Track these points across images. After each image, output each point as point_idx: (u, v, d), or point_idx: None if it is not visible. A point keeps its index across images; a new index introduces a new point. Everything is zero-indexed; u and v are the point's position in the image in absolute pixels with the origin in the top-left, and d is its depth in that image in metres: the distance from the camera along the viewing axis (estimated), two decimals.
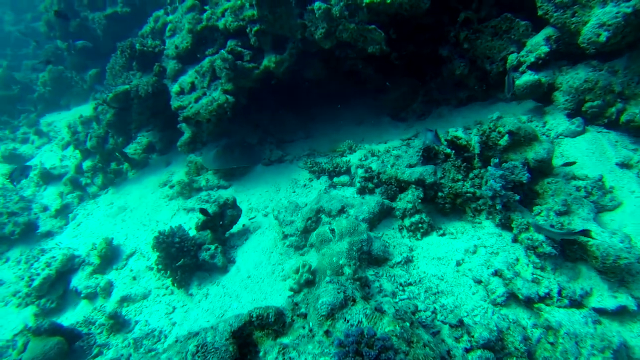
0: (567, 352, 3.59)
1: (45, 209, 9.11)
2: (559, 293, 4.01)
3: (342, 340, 2.70)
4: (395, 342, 2.80)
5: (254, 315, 3.19)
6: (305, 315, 3.25)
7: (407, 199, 5.35)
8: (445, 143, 5.54)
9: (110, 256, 6.84)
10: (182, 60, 7.92)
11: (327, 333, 2.93)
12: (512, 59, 5.76)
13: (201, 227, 6.12)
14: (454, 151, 5.72)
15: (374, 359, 2.60)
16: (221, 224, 6.29)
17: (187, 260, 5.76)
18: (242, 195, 7.48)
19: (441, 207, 5.42)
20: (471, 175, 5.45)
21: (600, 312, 3.93)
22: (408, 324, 3.16)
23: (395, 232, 5.39)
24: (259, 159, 8.02)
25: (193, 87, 7.51)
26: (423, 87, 8.02)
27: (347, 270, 4.43)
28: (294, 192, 6.56)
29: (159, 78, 7.95)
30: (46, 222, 8.70)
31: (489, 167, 4.77)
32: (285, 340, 3.16)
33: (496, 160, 4.66)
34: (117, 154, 8.97)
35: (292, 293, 4.72)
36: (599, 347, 3.57)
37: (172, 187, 8.18)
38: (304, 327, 3.21)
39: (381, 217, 5.48)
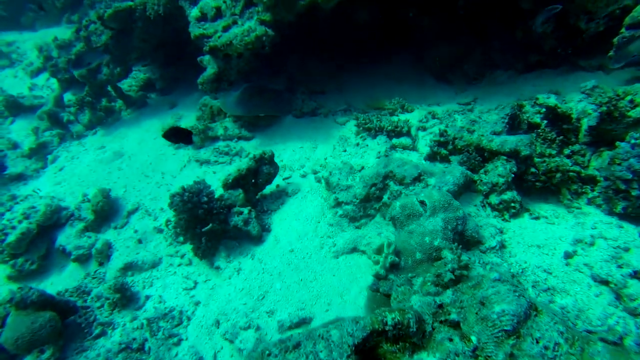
0: None
1: (14, 146, 7.52)
2: None
3: None
4: None
5: (389, 322, 2.21)
6: (457, 324, 2.31)
7: (497, 172, 4.44)
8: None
9: (107, 211, 5.56)
10: None
11: (511, 357, 2.00)
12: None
13: (231, 185, 4.97)
14: (545, 121, 4.84)
15: None
16: (253, 182, 5.16)
17: (216, 226, 4.64)
18: (268, 149, 6.29)
19: (530, 186, 4.57)
20: (566, 151, 4.60)
21: None
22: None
23: (477, 210, 4.51)
24: (289, 108, 6.80)
25: (219, 14, 6.07)
26: (481, 46, 6.97)
27: (448, 255, 3.51)
28: (345, 151, 5.48)
29: None
30: (17, 162, 7.16)
31: (620, 144, 3.89)
32: (428, 359, 2.21)
33: (637, 135, 3.77)
34: (109, 87, 7.42)
35: (371, 280, 3.77)
36: None
37: None
38: (451, 340, 2.27)
39: (462, 190, 4.56)
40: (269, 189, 5.45)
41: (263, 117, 6.58)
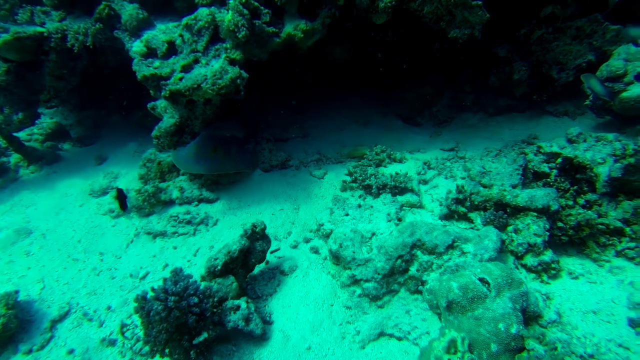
0: None
1: None
2: None
3: None
4: None
5: None
6: None
7: (532, 231, 4.06)
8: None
9: (14, 327, 3.78)
10: (146, 6, 5.19)
11: None
12: (613, 65, 4.92)
13: (221, 271, 3.75)
14: (555, 171, 4.70)
15: None
16: (242, 263, 4.01)
17: (212, 333, 3.38)
18: (241, 214, 5.16)
19: (554, 240, 4.29)
20: (581, 201, 4.47)
21: None
22: None
23: None
24: (256, 161, 5.76)
25: (172, 50, 4.92)
26: (450, 88, 6.90)
27: (538, 347, 2.88)
28: (347, 214, 4.63)
29: (105, 26, 5.04)
30: None
31: None
32: None
33: None
34: (2, 138, 5.51)
35: None
36: None
37: None
38: None
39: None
40: (257, 268, 4.33)
41: (226, 174, 5.43)
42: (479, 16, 4.52)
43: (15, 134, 5.73)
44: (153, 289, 3.37)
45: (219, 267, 3.72)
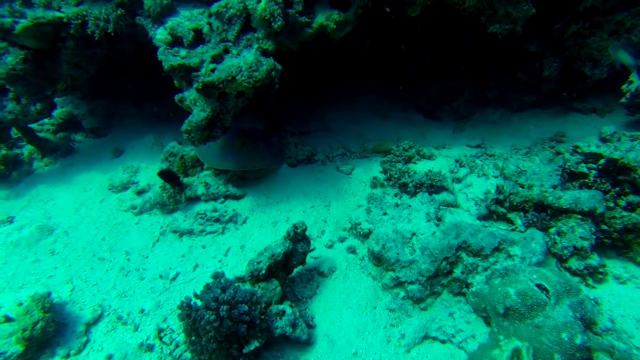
0: None
1: None
2: None
3: None
4: None
5: None
6: None
7: (578, 234, 3.99)
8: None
9: (52, 331, 3.60)
10: None
11: None
12: None
13: (265, 275, 3.60)
14: (594, 172, 4.62)
15: None
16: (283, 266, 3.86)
17: (261, 341, 3.25)
18: (270, 211, 4.99)
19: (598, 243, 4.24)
20: (622, 203, 4.40)
21: None
22: None
23: None
24: (282, 156, 5.57)
25: (199, 38, 4.66)
26: (473, 84, 6.76)
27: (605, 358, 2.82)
28: (385, 214, 4.49)
29: (126, 12, 4.75)
30: None
31: None
32: None
33: None
34: (15, 129, 5.21)
35: None
36: None
37: (140, 192, 5.07)
38: None
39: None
40: (295, 270, 4.19)
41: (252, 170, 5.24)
42: (524, 11, 4.36)
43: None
44: (197, 295, 3.22)
45: (263, 272, 3.57)
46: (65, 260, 4.30)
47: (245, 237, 4.67)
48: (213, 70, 4.30)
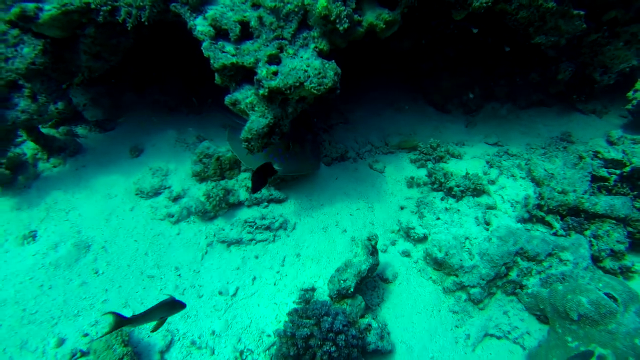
0: None
1: None
2: None
3: None
4: None
5: None
6: None
7: (614, 238, 4.45)
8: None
9: None
10: None
11: None
12: None
13: (353, 293, 3.59)
14: (615, 176, 5.10)
15: None
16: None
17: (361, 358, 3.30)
18: (317, 215, 4.91)
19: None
20: (638, 205, 4.96)
21: None
22: None
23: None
24: (320, 156, 5.42)
25: (246, 32, 4.28)
26: (484, 79, 6.99)
27: None
28: (438, 219, 4.62)
29: None
30: None
31: None
32: None
33: None
34: (22, 130, 4.46)
35: None
36: None
37: (176, 198, 4.69)
38: None
39: None
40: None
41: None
42: (575, 26, 4.55)
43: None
44: (300, 325, 3.15)
45: (352, 290, 3.57)
46: (113, 281, 3.92)
47: (298, 245, 4.58)
48: (275, 73, 4.01)
